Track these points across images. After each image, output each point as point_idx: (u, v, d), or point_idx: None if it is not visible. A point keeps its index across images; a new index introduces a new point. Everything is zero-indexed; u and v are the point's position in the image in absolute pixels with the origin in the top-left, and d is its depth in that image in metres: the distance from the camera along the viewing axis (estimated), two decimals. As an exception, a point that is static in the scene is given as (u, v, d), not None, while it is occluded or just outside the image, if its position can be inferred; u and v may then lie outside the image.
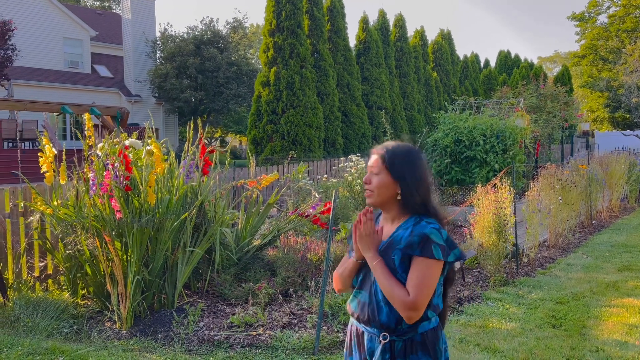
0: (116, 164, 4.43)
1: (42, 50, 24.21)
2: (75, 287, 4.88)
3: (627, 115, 33.61)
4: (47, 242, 5.05)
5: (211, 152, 4.88)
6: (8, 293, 4.83)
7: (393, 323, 1.81)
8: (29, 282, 5.06)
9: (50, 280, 5.23)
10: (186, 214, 4.51)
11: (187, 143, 5.16)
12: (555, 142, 14.86)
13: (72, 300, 4.74)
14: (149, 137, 4.56)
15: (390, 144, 1.93)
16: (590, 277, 5.78)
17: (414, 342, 1.83)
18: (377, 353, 1.81)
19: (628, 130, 28.66)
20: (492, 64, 26.65)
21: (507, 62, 26.38)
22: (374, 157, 1.90)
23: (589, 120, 32.58)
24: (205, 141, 5.46)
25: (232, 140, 30.48)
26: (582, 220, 8.88)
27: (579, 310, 4.71)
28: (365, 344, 1.86)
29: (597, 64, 35.46)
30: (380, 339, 1.82)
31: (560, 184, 7.24)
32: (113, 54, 27.75)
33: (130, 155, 4.61)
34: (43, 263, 5.20)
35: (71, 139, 22.59)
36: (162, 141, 4.69)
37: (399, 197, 1.86)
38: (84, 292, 4.93)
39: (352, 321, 1.96)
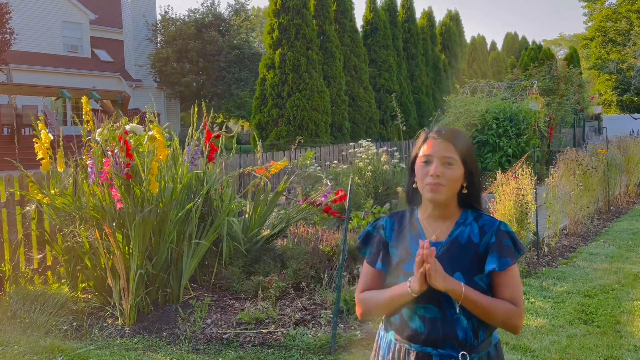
0: (116, 151, 4.14)
1: (41, 34, 23.78)
2: (75, 280, 4.62)
3: (636, 99, 33.09)
4: (46, 233, 4.78)
5: (217, 137, 4.58)
6: (5, 286, 4.58)
7: (472, 337, 1.56)
8: (27, 275, 4.81)
9: (49, 272, 4.98)
10: (191, 204, 4.22)
11: (191, 128, 4.86)
12: (566, 125, 14.49)
13: (71, 294, 4.48)
14: (151, 122, 4.25)
15: (449, 129, 1.66)
16: (616, 268, 5.50)
17: (490, 356, 1.60)
18: None
19: (637, 114, 28.21)
20: (499, 46, 26.14)
21: (515, 44, 25.88)
22: (444, 145, 1.59)
23: (600, 103, 32.07)
24: (211, 126, 5.15)
25: (238, 125, 30.12)
26: (600, 207, 8.58)
27: (609, 304, 4.43)
28: None
29: (605, 45, 34.82)
30: (460, 359, 1.55)
31: (581, 170, 6.93)
32: (113, 37, 27.30)
33: (131, 140, 4.31)
34: (41, 255, 4.94)
35: (72, 124, 22.29)
36: (164, 126, 4.39)
37: (465, 191, 1.63)
38: (84, 285, 4.66)
39: (403, 346, 1.62)
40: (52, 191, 4.58)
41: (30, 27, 22.96)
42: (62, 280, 4.79)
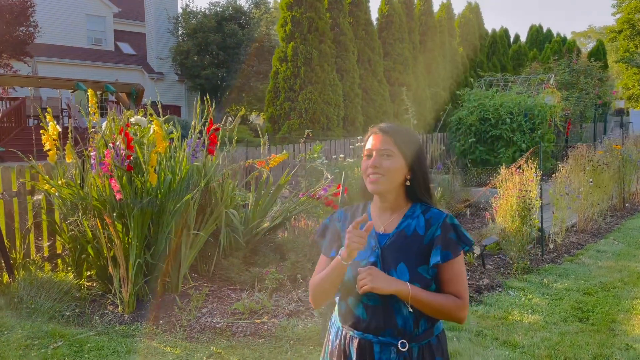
0: (117, 143, 4.24)
1: (65, 27, 24.23)
2: (80, 268, 4.76)
3: (665, 93, 32.10)
4: (55, 222, 4.92)
5: (216, 130, 4.64)
6: (15, 273, 4.74)
7: (411, 327, 1.60)
8: (38, 262, 4.98)
9: (59, 260, 5.13)
10: (189, 195, 4.31)
11: (193, 121, 4.93)
12: (587, 120, 14.18)
13: (76, 282, 4.62)
14: (151, 115, 4.34)
15: (391, 125, 1.73)
16: (621, 266, 5.41)
17: (432, 346, 1.64)
18: None
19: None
20: (523, 39, 25.63)
21: (539, 37, 25.31)
22: (383, 138, 1.66)
23: (624, 97, 31.18)
24: (230, 119, 5.24)
25: (258, 117, 30.26)
26: (614, 204, 8.41)
27: (608, 302, 4.38)
28: (376, 357, 1.60)
29: (634, 38, 33.82)
30: (399, 347, 1.58)
31: (592, 166, 6.81)
32: (136, 30, 27.65)
33: (131, 133, 4.41)
34: (49, 242, 5.10)
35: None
36: (163, 118, 4.46)
37: (407, 183, 1.67)
38: (88, 274, 4.80)
39: (347, 333, 1.67)
40: (60, 182, 4.72)
41: (56, 20, 23.43)
42: (69, 268, 4.94)
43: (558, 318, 4.06)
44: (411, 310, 1.59)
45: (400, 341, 1.59)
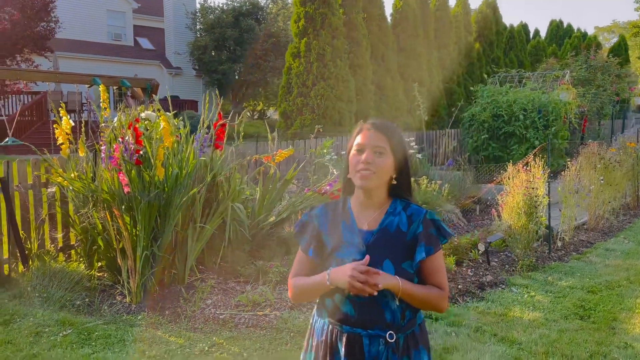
0: (126, 137, 4.35)
1: (86, 23, 24.62)
2: (90, 259, 4.90)
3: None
4: (68, 214, 5.06)
5: (223, 125, 4.72)
6: (29, 263, 4.90)
7: (399, 319, 1.66)
8: (52, 253, 5.13)
9: (73, 251, 5.28)
10: (195, 189, 4.41)
11: (202, 116, 5.02)
12: (605, 117, 13.97)
13: (87, 272, 4.76)
14: (159, 110, 4.44)
15: (383, 121, 1.75)
16: (628, 264, 5.37)
17: (415, 335, 1.70)
18: (385, 356, 1.64)
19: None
20: (543, 34, 25.26)
21: (559, 32, 24.94)
22: (376, 135, 1.67)
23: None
24: (248, 114, 5.33)
25: (275, 112, 30.38)
26: (627, 202, 8.31)
27: (611, 300, 4.36)
28: (365, 350, 1.65)
29: (658, 33, 33.08)
30: (387, 338, 1.64)
31: (603, 163, 6.74)
32: (155, 26, 27.98)
33: (142, 127, 4.52)
34: (63, 234, 5.24)
35: (115, 109, 23.07)
36: (170, 114, 4.55)
37: (394, 182, 1.71)
38: (99, 264, 4.94)
39: (335, 328, 1.70)
40: (72, 175, 4.86)
41: (77, 16, 23.82)
42: (81, 259, 5.08)
43: (559, 315, 4.06)
44: (398, 303, 1.63)
45: (388, 333, 1.64)
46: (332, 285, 1.63)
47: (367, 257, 1.59)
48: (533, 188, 5.29)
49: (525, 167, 5.49)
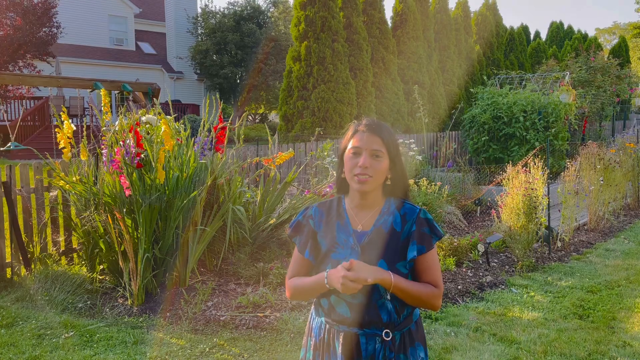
0: (127, 141, 4.39)
1: (88, 28, 24.75)
2: (92, 262, 4.93)
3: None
4: (70, 218, 5.10)
5: (223, 128, 4.76)
6: (32, 266, 4.94)
7: (395, 318, 1.67)
8: (55, 256, 5.16)
9: (75, 254, 5.31)
10: (195, 192, 4.44)
11: (202, 120, 5.06)
12: (606, 118, 13.97)
13: (89, 275, 4.80)
14: (159, 114, 4.48)
15: (377, 122, 1.73)
16: (628, 264, 5.38)
17: (411, 332, 1.71)
18: (382, 354, 1.65)
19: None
20: (543, 36, 25.28)
21: (559, 33, 24.95)
22: (372, 138, 1.65)
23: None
24: (250, 117, 5.38)
25: (277, 116, 30.42)
26: (628, 203, 8.32)
27: (610, 300, 4.37)
28: (362, 348, 1.66)
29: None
30: (383, 337, 1.66)
31: (602, 164, 6.75)
32: (156, 30, 28.11)
33: (142, 131, 4.56)
34: (65, 237, 5.28)
35: (116, 113, 23.13)
36: (170, 118, 4.60)
37: (388, 182, 1.71)
38: (101, 267, 4.97)
39: (332, 327, 1.71)
40: (74, 178, 4.90)
41: (79, 21, 23.95)
42: (83, 262, 5.12)
43: (558, 315, 4.08)
44: (389, 298, 1.64)
45: (384, 331, 1.65)
46: (330, 287, 1.64)
47: (352, 260, 1.58)
48: (532, 189, 5.31)
49: (524, 168, 5.51)
